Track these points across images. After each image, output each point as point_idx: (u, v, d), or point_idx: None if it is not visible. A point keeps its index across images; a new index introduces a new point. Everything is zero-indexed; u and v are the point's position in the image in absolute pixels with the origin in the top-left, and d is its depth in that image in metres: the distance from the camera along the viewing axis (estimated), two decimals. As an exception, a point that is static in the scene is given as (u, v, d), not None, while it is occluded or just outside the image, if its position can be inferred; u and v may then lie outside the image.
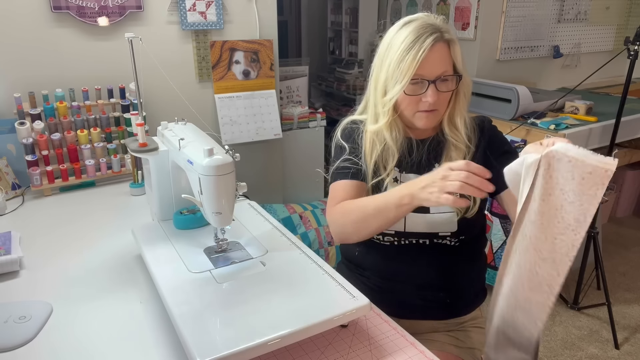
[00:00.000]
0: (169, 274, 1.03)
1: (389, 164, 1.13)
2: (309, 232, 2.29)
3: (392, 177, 1.13)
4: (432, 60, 1.03)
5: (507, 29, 3.14)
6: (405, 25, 1.06)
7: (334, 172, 1.17)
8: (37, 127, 1.64)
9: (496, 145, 1.15)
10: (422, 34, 1.02)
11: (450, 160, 1.11)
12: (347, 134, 1.20)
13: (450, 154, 1.12)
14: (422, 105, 1.07)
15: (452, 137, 1.13)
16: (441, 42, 1.04)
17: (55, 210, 1.53)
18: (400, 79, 1.04)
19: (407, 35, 1.04)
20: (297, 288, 0.98)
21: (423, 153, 1.15)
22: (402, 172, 1.15)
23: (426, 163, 1.15)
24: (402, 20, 1.09)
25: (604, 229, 3.08)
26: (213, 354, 0.79)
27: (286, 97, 2.83)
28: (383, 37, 1.11)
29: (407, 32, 1.04)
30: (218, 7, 2.09)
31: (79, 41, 1.86)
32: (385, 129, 1.12)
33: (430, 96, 1.05)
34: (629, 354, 2.15)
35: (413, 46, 1.02)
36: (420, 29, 1.03)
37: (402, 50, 1.03)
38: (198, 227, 1.22)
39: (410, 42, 1.02)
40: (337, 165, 1.17)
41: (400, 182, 1.14)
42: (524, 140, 2.39)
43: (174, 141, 1.12)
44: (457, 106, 1.12)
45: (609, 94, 3.09)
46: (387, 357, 0.92)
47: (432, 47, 1.02)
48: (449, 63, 1.06)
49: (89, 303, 1.06)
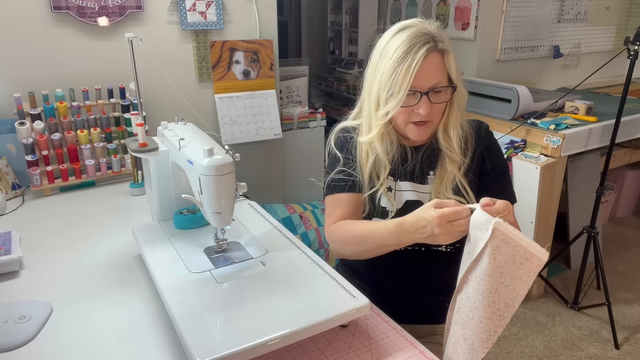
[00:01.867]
0: (169, 274, 1.03)
1: (381, 174, 1.12)
2: (309, 232, 2.29)
3: (386, 186, 1.12)
4: (425, 72, 1.00)
5: (507, 29, 3.14)
6: (398, 33, 1.03)
7: (330, 184, 1.16)
8: (37, 127, 1.64)
9: (493, 155, 1.16)
10: (415, 44, 0.99)
11: (444, 170, 1.11)
12: (340, 144, 1.18)
13: (445, 165, 1.11)
14: (414, 117, 1.05)
15: (446, 148, 1.11)
16: (435, 52, 1.01)
17: (55, 210, 1.53)
18: (395, 93, 1.01)
19: (400, 44, 1.00)
20: (297, 288, 0.98)
21: (417, 162, 1.13)
22: (396, 180, 1.14)
23: (420, 172, 1.14)
24: (395, 26, 1.06)
25: (604, 229, 3.08)
26: (213, 354, 0.79)
27: (286, 97, 2.83)
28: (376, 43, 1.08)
29: (400, 41, 1.01)
30: (218, 7, 2.09)
31: (79, 41, 1.86)
32: (377, 140, 1.10)
33: (423, 108, 1.03)
34: (629, 354, 2.15)
35: (406, 57, 0.99)
36: (413, 38, 1.00)
37: (394, 61, 1.00)
38: (198, 227, 1.22)
39: (403, 53, 0.99)
40: (332, 177, 1.15)
41: (395, 192, 1.14)
42: (524, 140, 2.39)
43: (174, 141, 1.12)
44: (451, 117, 1.09)
45: (609, 94, 3.09)
46: (387, 357, 0.92)
47: (426, 57, 0.99)
48: (442, 74, 1.03)
49: (89, 303, 1.06)
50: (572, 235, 2.60)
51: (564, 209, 2.61)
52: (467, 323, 0.89)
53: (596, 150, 2.55)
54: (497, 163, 1.16)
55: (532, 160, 2.27)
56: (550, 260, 2.46)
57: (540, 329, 2.31)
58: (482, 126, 1.18)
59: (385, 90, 1.03)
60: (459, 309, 0.91)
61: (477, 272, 0.85)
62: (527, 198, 2.28)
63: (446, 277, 1.16)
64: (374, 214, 1.13)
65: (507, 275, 0.82)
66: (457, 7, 3.16)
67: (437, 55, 1.02)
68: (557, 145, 2.23)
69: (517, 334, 2.26)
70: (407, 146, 1.14)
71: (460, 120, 1.11)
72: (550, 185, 2.29)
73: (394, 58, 1.00)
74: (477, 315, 0.86)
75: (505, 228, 0.81)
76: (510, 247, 0.81)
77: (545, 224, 2.38)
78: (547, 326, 2.32)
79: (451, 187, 1.10)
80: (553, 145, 2.25)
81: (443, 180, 1.11)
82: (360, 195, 1.13)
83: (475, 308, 0.86)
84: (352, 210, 1.13)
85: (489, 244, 0.82)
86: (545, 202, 2.31)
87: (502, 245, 0.82)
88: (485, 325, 0.85)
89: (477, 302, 0.86)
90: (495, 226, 0.81)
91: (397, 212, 1.11)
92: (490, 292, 0.84)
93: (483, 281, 0.85)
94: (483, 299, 0.85)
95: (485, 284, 0.84)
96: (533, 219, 2.31)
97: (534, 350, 2.17)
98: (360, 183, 1.13)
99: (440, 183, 1.11)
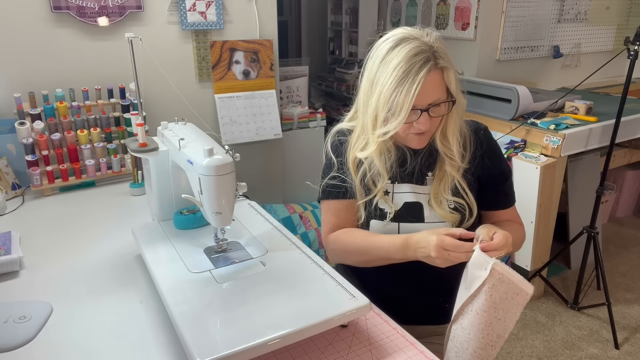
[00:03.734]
0: (169, 274, 1.03)
1: (378, 183, 1.11)
2: (309, 232, 2.29)
3: (383, 191, 1.12)
4: (425, 90, 0.99)
5: (507, 29, 3.14)
6: (397, 47, 1.00)
7: (324, 189, 1.17)
8: (37, 127, 1.64)
9: (496, 159, 1.16)
10: (415, 63, 0.97)
11: (443, 172, 1.11)
12: (335, 148, 1.18)
13: (444, 167, 1.11)
14: (414, 129, 1.05)
15: (444, 152, 1.11)
16: (435, 70, 0.99)
17: (55, 210, 1.53)
18: (396, 113, 0.99)
19: (400, 62, 0.98)
20: (297, 288, 0.98)
21: (416, 164, 1.13)
22: (394, 183, 1.13)
23: (419, 174, 1.13)
24: (393, 36, 1.03)
25: (604, 229, 3.08)
26: (213, 354, 0.79)
27: (286, 97, 2.83)
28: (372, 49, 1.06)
29: (400, 58, 0.98)
30: (218, 7, 2.09)
31: (79, 41, 1.86)
32: (376, 157, 1.09)
33: (423, 124, 1.02)
34: (629, 354, 2.15)
35: (406, 77, 0.97)
36: (413, 57, 0.97)
37: (394, 81, 0.98)
38: (198, 227, 1.22)
39: (403, 73, 0.97)
40: (326, 182, 1.16)
41: (392, 194, 1.13)
42: (524, 140, 2.39)
43: (174, 141, 1.12)
44: (450, 124, 1.08)
45: (609, 94, 3.09)
46: (387, 357, 0.92)
47: (426, 77, 0.97)
48: (442, 90, 1.02)
49: (89, 303, 1.06)
50: (572, 235, 2.60)
51: (564, 209, 2.61)
52: (460, 352, 0.97)
53: (596, 150, 2.55)
54: (502, 167, 1.17)
55: (532, 160, 2.27)
56: (550, 260, 2.46)
57: (540, 329, 2.31)
58: (481, 127, 1.17)
59: (385, 110, 1.01)
60: (454, 338, 0.99)
61: (474, 306, 0.93)
62: (527, 198, 2.28)
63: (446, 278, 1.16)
64: (371, 216, 1.13)
65: (500, 310, 0.92)
66: (457, 7, 3.16)
67: (437, 72, 1.00)
68: (557, 145, 2.23)
69: (517, 334, 2.26)
70: (405, 150, 1.14)
71: (460, 125, 1.11)
72: (550, 185, 2.29)
73: (393, 77, 0.98)
74: (471, 345, 0.95)
75: (501, 268, 0.90)
76: (504, 285, 0.91)
77: (545, 224, 2.38)
78: (547, 326, 2.32)
79: (450, 188, 1.10)
80: (553, 145, 2.25)
81: (442, 181, 1.11)
82: (355, 202, 1.15)
83: (470, 339, 0.94)
84: (347, 218, 1.16)
85: (487, 282, 0.90)
86: (545, 202, 2.31)
87: (498, 284, 0.91)
88: (479, 355, 0.94)
89: (472, 334, 0.94)
90: (493, 267, 0.90)
91: (396, 214, 1.11)
92: (485, 326, 0.93)
93: (479, 315, 0.93)
94: (478, 332, 0.93)
95: (480, 318, 0.93)
96: (533, 219, 2.31)
97: (533, 350, 2.17)
98: (353, 189, 1.13)
99: (439, 184, 1.11)
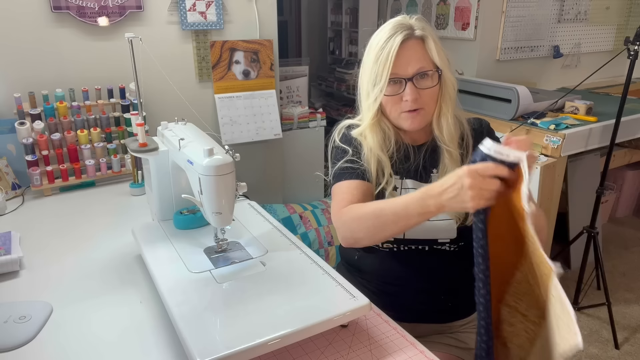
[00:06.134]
0: (169, 274, 1.03)
1: (385, 170, 1.11)
2: (309, 232, 2.29)
3: (392, 185, 1.12)
4: (405, 57, 1.04)
5: (507, 29, 3.13)
6: (380, 30, 1.09)
7: (338, 173, 1.13)
8: (37, 127, 1.64)
9: None
10: (392, 34, 1.05)
11: (445, 168, 1.10)
12: (347, 139, 1.18)
13: (445, 161, 1.11)
14: (405, 105, 1.06)
15: (441, 141, 1.11)
16: (413, 39, 1.05)
17: (55, 210, 1.53)
18: (377, 81, 1.05)
19: (380, 39, 1.06)
20: (297, 288, 0.98)
21: (419, 160, 1.14)
22: (402, 179, 1.14)
23: (423, 170, 1.14)
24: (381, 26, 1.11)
25: (604, 229, 3.08)
26: (213, 354, 0.79)
27: (286, 97, 2.83)
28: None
29: (382, 33, 1.07)
30: (218, 7, 2.09)
31: (79, 41, 1.86)
32: (369, 132, 1.11)
33: (409, 94, 1.05)
34: (629, 354, 2.14)
35: (385, 46, 1.04)
36: (392, 29, 1.05)
37: (376, 51, 1.06)
38: (198, 227, 1.22)
39: (383, 42, 1.05)
40: (339, 166, 1.13)
41: (400, 190, 1.13)
42: (524, 140, 2.38)
43: (174, 141, 1.12)
44: (442, 107, 1.10)
45: (609, 94, 3.09)
46: (387, 357, 0.92)
47: (404, 44, 1.04)
48: (425, 59, 1.06)
49: (89, 303, 1.06)
50: (572, 235, 2.60)
51: (564, 209, 2.61)
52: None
53: (596, 150, 2.55)
54: None
55: (532, 160, 2.26)
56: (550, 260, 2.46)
57: (540, 329, 2.30)
58: (483, 123, 1.18)
59: (371, 81, 1.07)
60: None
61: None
62: (527, 198, 2.28)
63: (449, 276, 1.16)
64: None
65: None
66: (457, 7, 3.16)
67: (417, 41, 1.06)
68: (557, 145, 2.23)
69: (517, 334, 2.26)
70: (408, 145, 1.14)
71: (454, 112, 1.11)
72: (550, 185, 2.29)
73: (375, 49, 1.06)
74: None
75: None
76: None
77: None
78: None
79: None
80: (553, 145, 2.25)
81: None
82: (371, 186, 1.11)
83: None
84: (362, 198, 1.08)
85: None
86: (545, 202, 2.31)
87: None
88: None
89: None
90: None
91: None
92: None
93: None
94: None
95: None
96: (533, 219, 2.31)
97: (534, 350, 2.17)
98: (369, 173, 1.12)
99: None
